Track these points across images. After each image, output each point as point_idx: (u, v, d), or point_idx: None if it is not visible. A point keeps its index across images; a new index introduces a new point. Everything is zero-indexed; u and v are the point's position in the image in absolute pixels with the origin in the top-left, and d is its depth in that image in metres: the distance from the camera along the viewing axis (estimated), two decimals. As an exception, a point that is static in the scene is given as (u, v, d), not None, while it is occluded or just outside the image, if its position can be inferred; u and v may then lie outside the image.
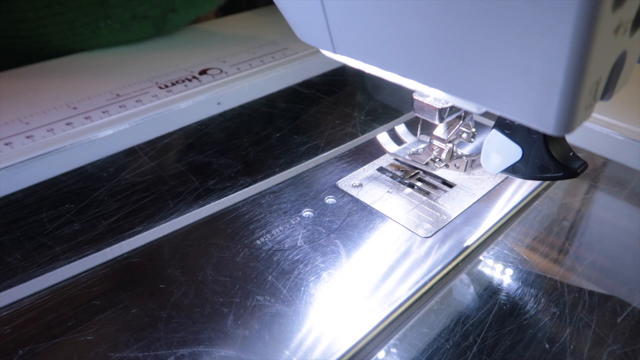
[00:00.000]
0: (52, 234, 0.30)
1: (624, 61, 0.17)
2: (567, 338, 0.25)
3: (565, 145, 0.27)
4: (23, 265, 0.27)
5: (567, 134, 0.17)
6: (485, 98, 0.18)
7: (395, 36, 0.20)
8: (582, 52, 0.14)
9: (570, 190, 0.36)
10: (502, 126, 0.28)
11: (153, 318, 0.24)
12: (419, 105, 0.30)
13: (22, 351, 0.23)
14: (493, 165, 0.30)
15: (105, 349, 0.23)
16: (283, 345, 0.24)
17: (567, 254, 0.31)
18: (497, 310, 0.27)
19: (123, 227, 0.30)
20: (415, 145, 0.37)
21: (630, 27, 0.16)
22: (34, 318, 0.25)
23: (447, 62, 0.19)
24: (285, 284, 0.27)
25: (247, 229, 0.30)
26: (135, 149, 0.38)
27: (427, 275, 0.28)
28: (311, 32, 0.24)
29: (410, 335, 0.26)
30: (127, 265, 0.28)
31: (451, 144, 0.32)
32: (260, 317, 0.25)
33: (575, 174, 0.27)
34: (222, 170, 0.36)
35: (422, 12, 0.18)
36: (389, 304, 0.26)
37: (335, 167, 0.36)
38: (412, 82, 0.21)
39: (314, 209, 0.32)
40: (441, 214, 0.32)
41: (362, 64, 0.23)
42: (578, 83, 0.15)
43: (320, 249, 0.29)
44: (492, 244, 0.31)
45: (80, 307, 0.25)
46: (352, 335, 0.24)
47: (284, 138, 0.39)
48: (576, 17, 0.14)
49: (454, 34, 0.17)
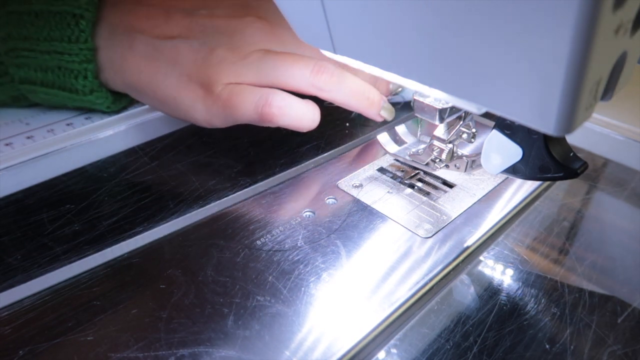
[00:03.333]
0: (52, 235, 0.30)
1: (625, 61, 0.17)
2: (567, 338, 0.25)
3: (566, 146, 0.27)
4: (23, 266, 0.27)
5: (567, 134, 0.17)
6: (486, 98, 0.18)
7: (395, 36, 0.20)
8: (582, 52, 0.14)
9: (570, 191, 0.36)
10: (503, 126, 0.28)
11: (153, 318, 0.24)
12: (419, 106, 0.30)
13: (23, 351, 0.23)
14: (493, 166, 0.30)
15: (106, 349, 0.23)
16: (283, 346, 0.24)
17: (568, 254, 0.31)
18: (497, 310, 0.27)
19: (123, 228, 0.30)
20: (416, 146, 0.37)
21: (630, 28, 0.16)
22: (34, 318, 0.25)
23: (447, 63, 0.19)
24: (286, 284, 0.27)
25: (248, 229, 0.30)
26: (136, 149, 0.38)
27: (427, 275, 0.28)
28: (311, 32, 0.24)
29: (410, 335, 0.26)
30: (128, 265, 0.28)
31: (451, 144, 0.32)
32: (260, 317, 0.25)
33: (576, 174, 0.27)
34: (223, 170, 0.36)
35: (423, 12, 0.18)
36: (389, 304, 0.26)
37: (336, 167, 0.36)
38: (412, 82, 0.21)
39: (315, 209, 0.32)
40: (441, 215, 0.32)
41: (362, 64, 0.23)
42: (578, 83, 0.15)
43: (321, 249, 0.29)
44: (493, 244, 0.31)
45: (81, 308, 0.25)
46: (353, 335, 0.24)
47: (284, 138, 0.39)
48: (576, 18, 0.14)
49: (454, 34, 0.17)
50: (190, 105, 0.33)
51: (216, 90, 0.33)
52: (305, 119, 0.34)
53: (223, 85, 0.33)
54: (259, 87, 0.33)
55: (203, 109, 0.33)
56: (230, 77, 0.33)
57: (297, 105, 0.34)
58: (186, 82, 0.33)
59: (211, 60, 0.33)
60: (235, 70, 0.33)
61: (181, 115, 0.35)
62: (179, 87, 0.33)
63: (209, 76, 0.33)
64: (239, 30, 0.34)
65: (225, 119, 0.34)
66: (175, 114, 0.35)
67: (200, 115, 0.34)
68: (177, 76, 0.33)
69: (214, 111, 0.33)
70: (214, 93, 0.33)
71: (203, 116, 0.34)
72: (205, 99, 0.33)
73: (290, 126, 0.34)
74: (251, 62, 0.33)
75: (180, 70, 0.33)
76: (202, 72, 0.33)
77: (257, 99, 0.33)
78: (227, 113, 0.33)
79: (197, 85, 0.33)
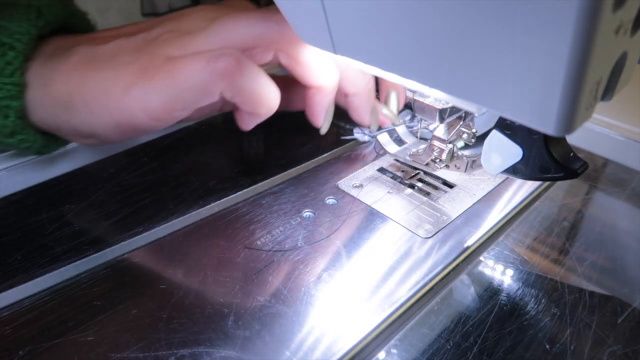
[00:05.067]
0: (52, 235, 0.30)
1: (625, 62, 0.17)
2: (567, 339, 0.25)
3: (566, 146, 0.27)
4: (24, 266, 0.27)
5: (567, 135, 0.17)
6: (486, 98, 0.18)
7: (395, 37, 0.20)
8: (582, 52, 0.14)
9: (570, 191, 0.36)
10: (503, 126, 0.28)
11: (153, 318, 0.24)
12: (419, 106, 0.30)
13: (23, 352, 0.23)
14: (493, 166, 0.30)
15: (106, 350, 0.23)
16: (284, 346, 0.24)
17: (568, 254, 0.31)
18: (497, 310, 0.27)
19: (124, 228, 0.30)
20: (416, 146, 0.37)
21: (630, 28, 0.16)
22: (34, 318, 0.25)
23: (448, 63, 0.19)
24: (286, 284, 0.27)
25: (248, 230, 0.30)
26: (136, 150, 0.38)
27: (427, 275, 0.28)
28: (311, 32, 0.24)
29: (410, 335, 0.26)
30: (128, 265, 0.28)
31: (452, 144, 0.32)
32: (260, 317, 0.25)
33: (576, 174, 0.27)
34: (223, 170, 0.36)
35: (423, 12, 0.18)
36: (389, 305, 0.26)
37: (336, 167, 0.36)
38: (412, 82, 0.21)
39: (315, 209, 0.32)
40: (442, 215, 0.32)
41: (362, 65, 0.23)
42: (579, 83, 0.15)
43: (321, 250, 0.29)
44: (493, 244, 0.31)
45: (81, 308, 0.25)
46: (353, 335, 0.24)
47: (285, 138, 0.39)
48: (577, 18, 0.14)
49: (455, 34, 0.17)
50: (123, 92, 0.26)
51: (156, 64, 0.26)
52: (265, 92, 0.28)
53: (165, 58, 0.27)
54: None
55: (139, 92, 0.26)
56: (174, 50, 0.27)
57: (260, 73, 0.28)
58: (123, 69, 0.27)
59: (154, 42, 0.28)
60: (178, 43, 0.27)
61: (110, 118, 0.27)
62: (113, 76, 0.27)
63: (149, 55, 0.27)
64: (187, 14, 0.29)
65: (167, 96, 0.26)
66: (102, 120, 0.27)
67: (135, 101, 0.26)
68: (112, 66, 0.27)
69: (152, 89, 0.26)
70: (154, 67, 0.26)
71: (139, 101, 0.26)
72: (143, 77, 0.26)
73: (248, 98, 0.28)
74: (200, 30, 0.28)
75: (118, 60, 0.27)
76: (141, 54, 0.27)
77: (210, 54, 0.26)
78: (169, 82, 0.26)
79: (135, 69, 0.27)
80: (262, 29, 0.28)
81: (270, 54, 0.29)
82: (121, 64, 0.27)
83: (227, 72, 0.26)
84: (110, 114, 0.27)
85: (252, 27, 0.28)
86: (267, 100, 0.29)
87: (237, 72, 0.26)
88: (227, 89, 0.27)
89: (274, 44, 0.28)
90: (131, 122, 0.27)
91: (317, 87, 0.30)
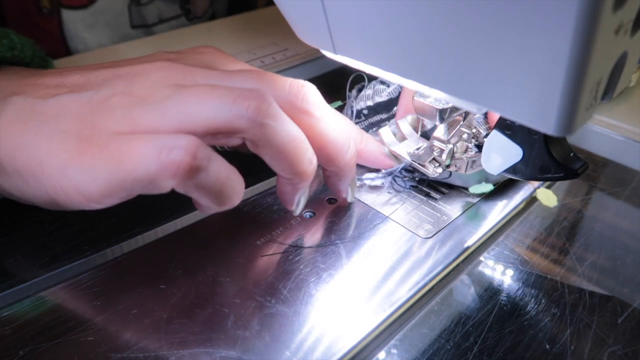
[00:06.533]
0: (52, 235, 0.30)
1: (625, 62, 0.17)
2: (567, 339, 0.25)
3: (566, 146, 0.27)
4: (23, 266, 0.27)
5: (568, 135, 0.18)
6: (486, 99, 0.19)
7: (395, 37, 0.20)
8: (582, 52, 0.14)
9: (570, 191, 0.36)
10: (503, 127, 0.28)
11: (154, 319, 0.24)
12: (419, 106, 0.30)
13: (23, 351, 0.23)
14: (494, 166, 0.30)
15: (106, 350, 0.23)
16: (284, 346, 0.24)
17: (568, 254, 0.31)
18: (497, 310, 0.27)
19: (124, 228, 0.30)
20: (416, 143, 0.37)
21: (630, 28, 0.16)
22: (34, 318, 0.25)
23: (448, 63, 0.19)
24: (286, 284, 0.27)
25: (248, 230, 0.30)
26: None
27: (427, 275, 0.28)
28: (311, 32, 0.24)
29: (410, 336, 0.26)
30: (128, 265, 0.28)
31: (451, 144, 0.32)
32: (260, 317, 0.25)
33: (576, 174, 0.27)
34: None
35: (423, 13, 0.18)
36: (389, 305, 0.26)
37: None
38: (412, 82, 0.21)
39: (315, 209, 0.32)
40: (442, 215, 0.32)
41: (362, 65, 0.23)
42: (579, 84, 0.15)
43: (321, 250, 0.29)
44: (493, 244, 0.31)
45: (81, 308, 0.25)
46: (353, 335, 0.24)
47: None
48: (577, 18, 0.14)
49: (455, 35, 0.17)
50: (59, 170, 0.22)
51: (100, 140, 0.22)
52: (227, 188, 0.24)
53: (111, 134, 0.22)
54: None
55: (77, 173, 0.22)
56: (123, 123, 0.23)
57: (222, 162, 0.24)
58: (61, 139, 0.22)
59: (100, 108, 0.23)
60: (129, 115, 0.23)
61: (45, 192, 0.23)
62: (49, 148, 0.22)
63: (93, 125, 0.23)
64: (142, 73, 0.25)
65: (107, 183, 0.22)
66: (37, 193, 0.23)
67: (72, 182, 0.22)
68: (50, 134, 0.23)
69: (93, 170, 0.22)
70: (96, 144, 0.22)
71: (76, 183, 0.22)
72: (83, 155, 0.22)
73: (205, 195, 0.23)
74: (155, 102, 0.23)
75: (56, 126, 0.23)
76: (85, 123, 0.23)
77: (162, 142, 0.21)
78: (112, 168, 0.21)
79: (74, 141, 0.22)
80: (228, 114, 0.23)
81: (237, 140, 0.24)
82: (60, 131, 0.23)
83: (179, 169, 0.21)
84: (46, 190, 0.23)
85: (217, 111, 0.23)
86: (228, 196, 0.24)
87: (192, 169, 0.22)
88: (179, 186, 0.22)
89: (240, 132, 0.24)
90: (68, 201, 0.23)
91: (289, 178, 0.27)
